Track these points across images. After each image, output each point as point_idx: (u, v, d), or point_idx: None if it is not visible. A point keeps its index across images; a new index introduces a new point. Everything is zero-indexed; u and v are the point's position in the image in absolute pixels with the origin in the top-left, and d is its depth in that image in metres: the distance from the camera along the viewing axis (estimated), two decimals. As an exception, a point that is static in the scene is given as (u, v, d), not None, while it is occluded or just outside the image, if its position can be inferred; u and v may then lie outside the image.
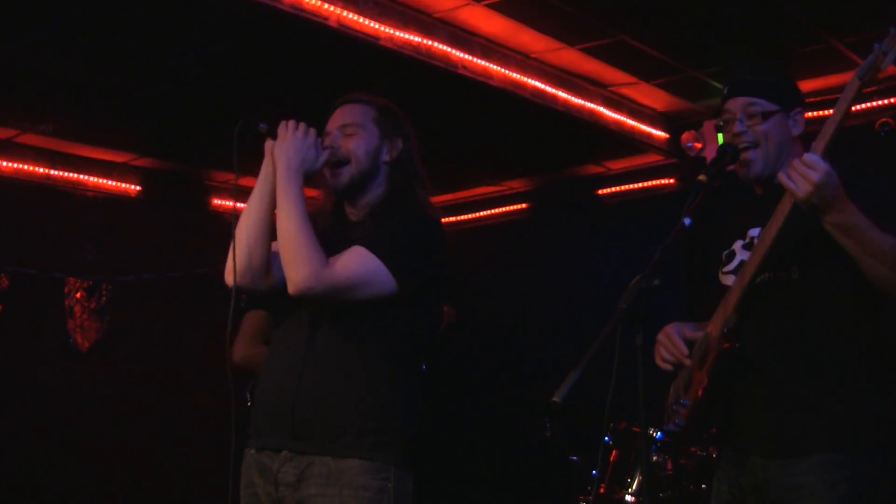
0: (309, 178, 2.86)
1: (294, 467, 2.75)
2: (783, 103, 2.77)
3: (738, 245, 2.83)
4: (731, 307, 2.66)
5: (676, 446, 4.47)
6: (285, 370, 2.82)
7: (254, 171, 2.91)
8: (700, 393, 2.69)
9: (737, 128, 2.75)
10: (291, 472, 2.75)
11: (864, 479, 2.55)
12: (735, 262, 2.80)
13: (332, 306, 2.81)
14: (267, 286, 2.91)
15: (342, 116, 3.00)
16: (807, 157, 2.42)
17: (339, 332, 2.80)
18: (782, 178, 2.47)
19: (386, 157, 2.97)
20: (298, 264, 2.69)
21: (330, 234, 2.86)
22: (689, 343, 2.78)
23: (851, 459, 2.55)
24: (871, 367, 2.64)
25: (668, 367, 2.78)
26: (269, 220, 2.85)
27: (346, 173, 2.92)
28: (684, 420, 2.72)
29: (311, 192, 2.98)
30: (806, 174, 2.40)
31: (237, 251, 2.82)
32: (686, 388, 2.73)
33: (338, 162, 2.92)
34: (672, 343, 2.77)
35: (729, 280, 2.77)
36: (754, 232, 2.77)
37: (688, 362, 2.73)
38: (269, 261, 2.88)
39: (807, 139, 2.70)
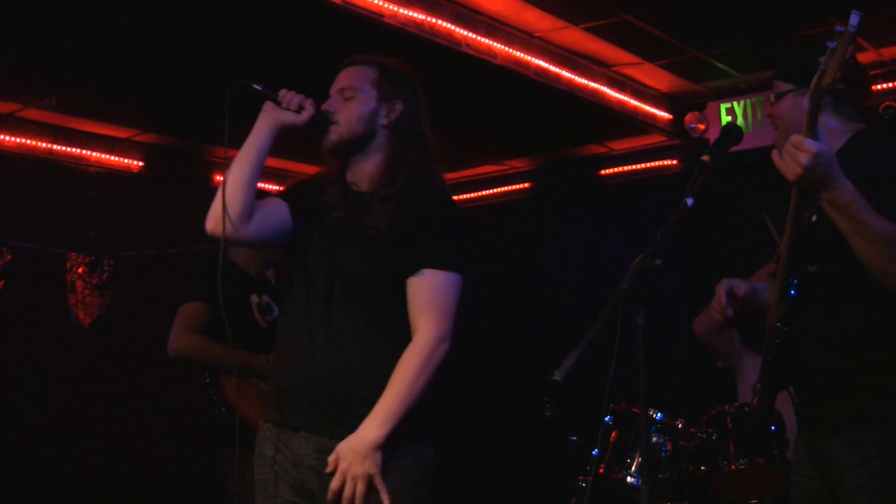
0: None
1: (315, 449, 2.73)
2: (797, 80, 2.79)
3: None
4: (776, 296, 2.77)
5: (758, 425, 4.51)
6: (302, 347, 2.82)
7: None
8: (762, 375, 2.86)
9: (767, 109, 2.85)
10: (312, 453, 2.73)
11: None
12: None
13: (348, 283, 2.81)
14: (246, 236, 2.92)
15: (342, 79, 2.99)
16: (795, 138, 2.42)
17: (357, 308, 2.79)
18: (775, 157, 2.48)
19: (383, 121, 2.93)
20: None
21: (338, 208, 2.90)
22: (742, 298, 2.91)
23: (885, 437, 2.62)
24: None
25: (720, 317, 2.92)
26: (252, 172, 2.86)
27: (334, 134, 2.90)
28: (757, 400, 2.89)
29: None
30: (795, 157, 2.41)
31: (219, 200, 2.87)
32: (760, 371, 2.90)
33: (326, 122, 2.90)
34: (716, 297, 2.91)
35: None
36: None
37: (729, 312, 2.87)
38: (250, 212, 2.88)
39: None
